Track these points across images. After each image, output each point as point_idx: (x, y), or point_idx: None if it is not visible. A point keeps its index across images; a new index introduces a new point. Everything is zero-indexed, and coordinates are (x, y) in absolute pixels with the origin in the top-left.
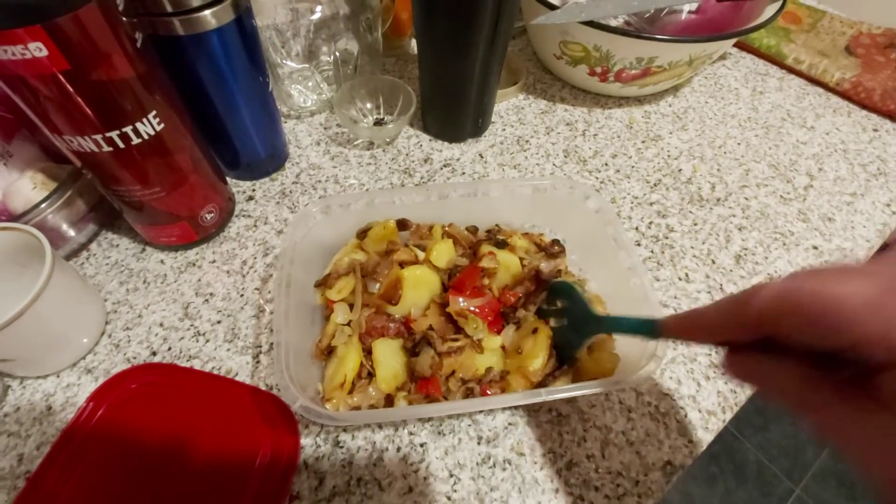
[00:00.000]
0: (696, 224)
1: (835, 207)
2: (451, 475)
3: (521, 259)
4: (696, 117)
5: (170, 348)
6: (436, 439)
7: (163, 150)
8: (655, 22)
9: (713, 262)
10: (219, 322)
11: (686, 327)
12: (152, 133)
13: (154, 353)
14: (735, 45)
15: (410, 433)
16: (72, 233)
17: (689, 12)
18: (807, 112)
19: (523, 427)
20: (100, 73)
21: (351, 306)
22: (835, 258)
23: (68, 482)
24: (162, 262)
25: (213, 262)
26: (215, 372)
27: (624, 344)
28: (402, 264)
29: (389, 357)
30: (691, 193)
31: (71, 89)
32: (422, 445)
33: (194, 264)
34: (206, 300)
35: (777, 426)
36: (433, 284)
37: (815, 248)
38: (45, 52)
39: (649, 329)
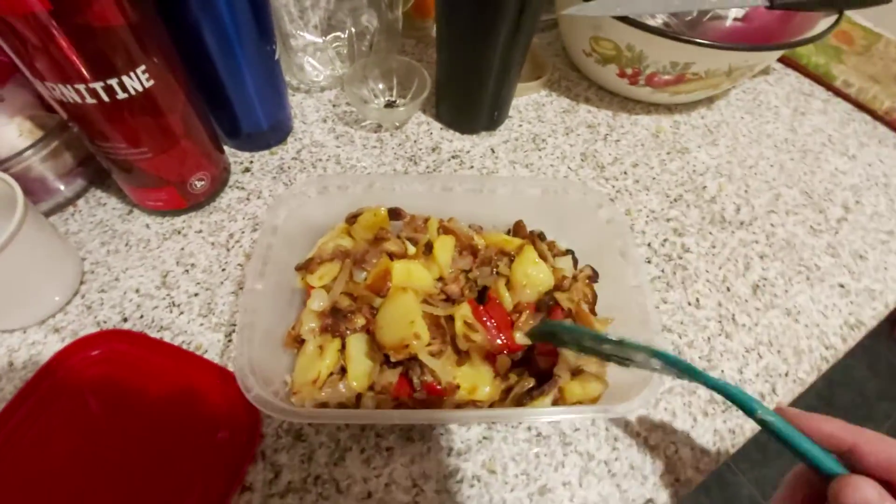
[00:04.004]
0: (714, 246)
1: (868, 245)
2: (415, 485)
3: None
4: (729, 133)
5: (142, 316)
6: (403, 445)
7: (152, 109)
8: (697, 26)
9: (728, 289)
10: (196, 295)
11: None
12: (140, 89)
13: (125, 320)
14: (780, 61)
15: (378, 435)
16: (59, 186)
17: (735, 19)
18: (850, 139)
19: (498, 442)
20: (86, 18)
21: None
22: (862, 300)
23: (19, 444)
24: (147, 226)
25: (200, 231)
26: (185, 347)
27: (616, 369)
28: (391, 256)
29: (364, 354)
30: (713, 213)
31: (54, 32)
32: (388, 450)
33: (179, 232)
34: (187, 270)
35: (777, 462)
36: (424, 282)
37: (842, 286)
38: None
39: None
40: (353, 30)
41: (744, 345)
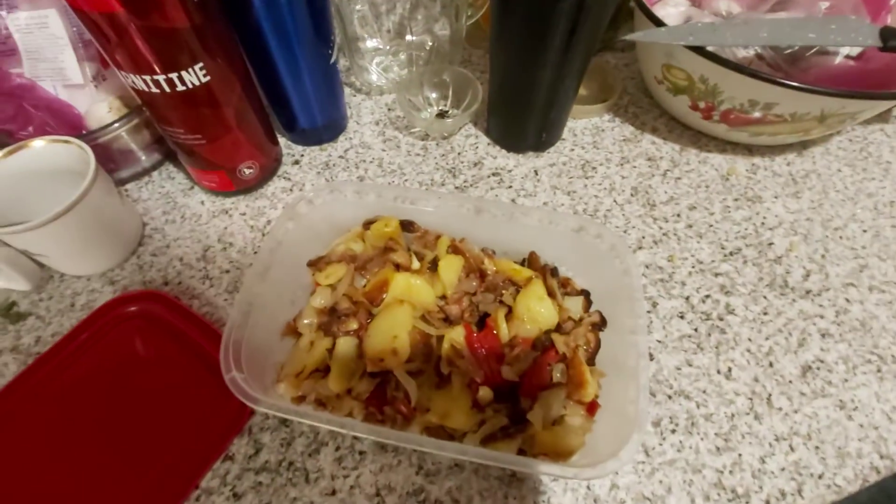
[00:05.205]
0: (765, 313)
1: None
2: (378, 494)
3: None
4: (819, 185)
5: (180, 283)
6: (376, 452)
7: (207, 101)
8: (799, 61)
9: (771, 364)
10: (227, 272)
11: None
12: (197, 83)
13: (166, 283)
14: None
15: (355, 437)
16: (140, 156)
17: (848, 56)
18: None
19: (469, 473)
20: (152, 21)
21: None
22: None
23: (63, 374)
24: (202, 203)
25: (243, 214)
26: (206, 318)
27: (602, 425)
28: (397, 266)
29: (350, 358)
30: (774, 275)
31: (125, 30)
32: (361, 453)
33: (226, 212)
34: (225, 248)
35: None
36: (425, 298)
37: None
38: None
39: None
40: (413, 38)
41: (774, 431)
